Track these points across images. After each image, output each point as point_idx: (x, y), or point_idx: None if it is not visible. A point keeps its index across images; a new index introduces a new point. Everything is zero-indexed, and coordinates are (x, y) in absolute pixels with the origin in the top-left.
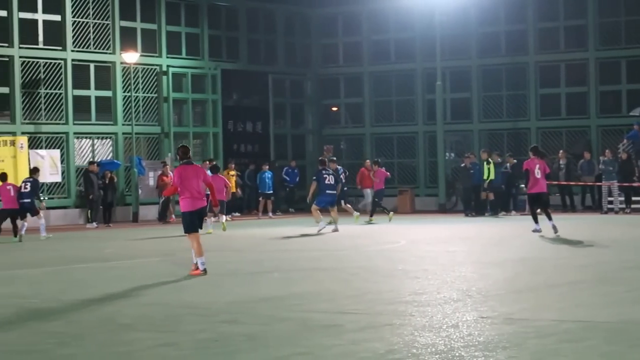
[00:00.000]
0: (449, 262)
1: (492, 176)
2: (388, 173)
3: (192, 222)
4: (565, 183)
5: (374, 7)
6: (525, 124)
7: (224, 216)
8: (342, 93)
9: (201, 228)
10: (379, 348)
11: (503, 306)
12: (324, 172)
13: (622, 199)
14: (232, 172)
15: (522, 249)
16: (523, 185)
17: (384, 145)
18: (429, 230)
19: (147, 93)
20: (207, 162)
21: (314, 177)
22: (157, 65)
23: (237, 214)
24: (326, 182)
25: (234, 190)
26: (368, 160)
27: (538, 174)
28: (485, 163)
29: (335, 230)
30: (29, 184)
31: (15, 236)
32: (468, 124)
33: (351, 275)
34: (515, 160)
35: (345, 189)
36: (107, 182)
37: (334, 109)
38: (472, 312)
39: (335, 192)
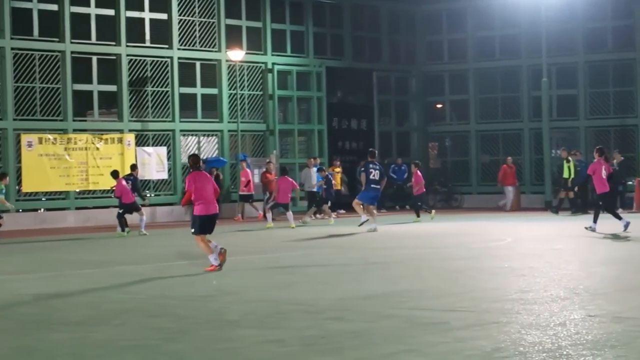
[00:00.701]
0: (555, 260)
1: (572, 174)
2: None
3: (203, 226)
4: None
5: (479, 3)
6: (632, 121)
7: (289, 213)
8: (447, 90)
9: (210, 232)
10: (485, 346)
11: (611, 304)
12: (370, 165)
13: None
14: (338, 169)
15: (628, 247)
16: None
17: (489, 143)
18: (535, 228)
19: (252, 91)
20: (312, 160)
21: (362, 169)
22: (262, 62)
23: (342, 211)
24: (371, 176)
25: (339, 187)
26: (510, 158)
27: (604, 175)
28: (565, 162)
29: (373, 230)
30: (129, 181)
31: (123, 230)
32: (574, 121)
33: (457, 272)
34: (622, 158)
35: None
36: (213, 178)
37: (439, 106)
38: (579, 311)
39: (379, 187)
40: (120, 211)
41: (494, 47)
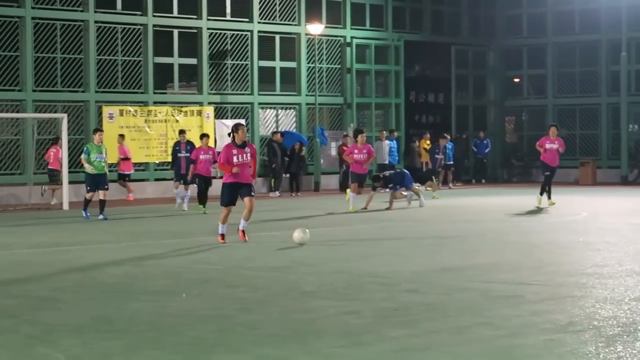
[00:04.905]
0: (631, 235)
1: None
2: None
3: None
4: None
5: None
6: None
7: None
8: (525, 64)
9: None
10: (559, 320)
11: None
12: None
13: None
14: (428, 142)
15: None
16: None
17: (567, 117)
18: (611, 203)
19: (330, 64)
20: (384, 133)
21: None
22: (341, 36)
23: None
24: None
25: (426, 159)
26: None
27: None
28: None
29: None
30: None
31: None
32: None
33: (533, 246)
34: None
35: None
36: (296, 152)
37: (517, 80)
38: None
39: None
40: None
41: (573, 22)
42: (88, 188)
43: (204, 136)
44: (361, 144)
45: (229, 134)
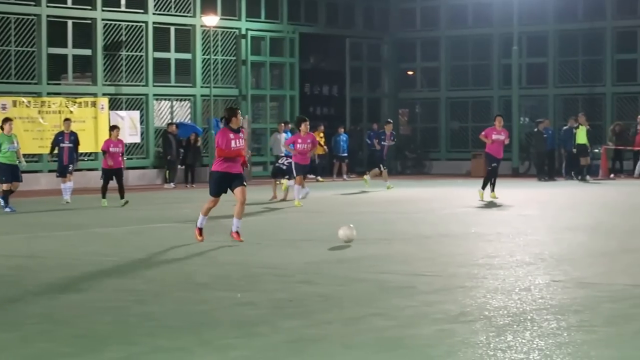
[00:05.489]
0: (522, 226)
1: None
2: None
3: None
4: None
5: None
6: (600, 90)
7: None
8: (419, 57)
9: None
10: (451, 310)
11: (576, 270)
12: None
13: None
14: (321, 134)
15: (595, 214)
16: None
17: (459, 110)
18: (503, 194)
19: (226, 56)
20: (282, 125)
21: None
22: (236, 28)
23: (311, 176)
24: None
25: (323, 152)
26: None
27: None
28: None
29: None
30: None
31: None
32: (543, 89)
33: (425, 238)
34: (588, 127)
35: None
36: (191, 143)
37: (410, 72)
38: (544, 276)
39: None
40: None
41: (466, 15)
42: (3, 178)
43: (114, 128)
44: (304, 133)
45: (222, 119)
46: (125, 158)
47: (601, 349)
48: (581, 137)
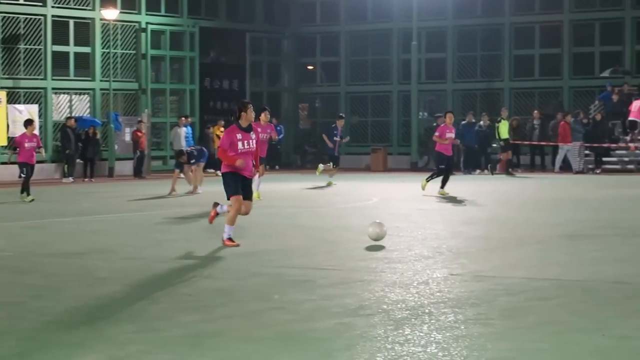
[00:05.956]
0: (421, 220)
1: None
2: None
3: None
4: (536, 143)
5: None
6: (499, 85)
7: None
8: (319, 52)
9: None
10: (350, 304)
11: (473, 264)
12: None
13: (592, 159)
14: (221, 129)
15: (493, 208)
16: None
17: (359, 104)
18: (401, 188)
19: (125, 50)
20: (182, 119)
21: None
22: (136, 22)
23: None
24: None
25: None
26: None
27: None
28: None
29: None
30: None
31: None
32: (442, 84)
33: (325, 231)
34: (489, 121)
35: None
36: (89, 137)
37: (310, 67)
38: (442, 270)
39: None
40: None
41: (366, 10)
42: None
43: (29, 123)
44: (264, 123)
45: (232, 115)
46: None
47: (497, 341)
48: (504, 131)
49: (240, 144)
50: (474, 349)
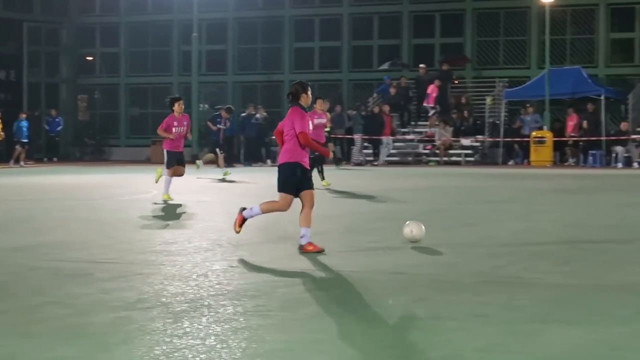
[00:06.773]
0: (201, 212)
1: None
2: None
3: None
4: None
5: None
6: (279, 77)
7: None
8: (98, 43)
9: None
10: (128, 297)
11: (254, 255)
12: None
13: (371, 151)
14: None
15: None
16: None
17: (139, 96)
18: (183, 181)
19: None
20: None
21: None
22: None
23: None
24: None
25: (1, 138)
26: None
27: None
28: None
29: None
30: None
31: None
32: (223, 76)
33: (104, 224)
34: (265, 114)
35: None
36: None
37: (89, 58)
38: (222, 262)
39: None
40: None
41: (146, 2)
42: None
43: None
44: (179, 114)
45: (288, 95)
46: None
47: (276, 333)
48: None
49: (310, 125)
50: (252, 340)
